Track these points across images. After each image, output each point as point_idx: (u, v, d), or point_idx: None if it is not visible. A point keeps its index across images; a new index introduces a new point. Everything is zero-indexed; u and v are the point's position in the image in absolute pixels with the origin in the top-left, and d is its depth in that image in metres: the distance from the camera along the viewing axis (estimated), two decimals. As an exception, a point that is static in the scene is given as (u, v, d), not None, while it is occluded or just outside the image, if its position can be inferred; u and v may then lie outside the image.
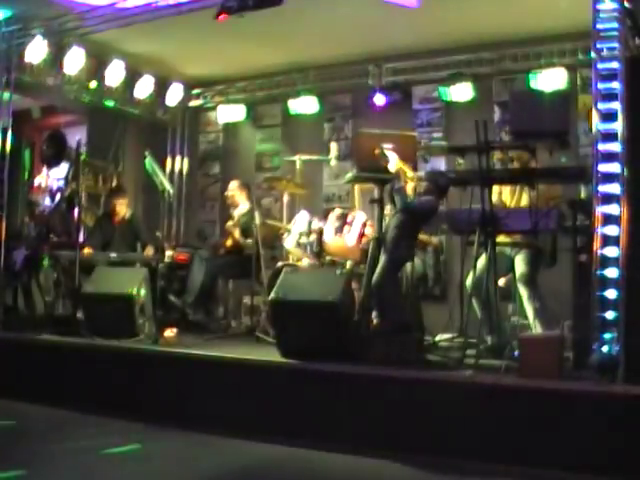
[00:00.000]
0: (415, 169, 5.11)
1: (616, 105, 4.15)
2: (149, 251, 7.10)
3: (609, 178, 4.14)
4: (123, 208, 7.46)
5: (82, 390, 5.22)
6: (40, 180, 8.37)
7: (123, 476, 3.85)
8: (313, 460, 4.13)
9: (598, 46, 4.29)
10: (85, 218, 7.53)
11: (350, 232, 5.99)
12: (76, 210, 6.38)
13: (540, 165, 5.16)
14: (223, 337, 6.38)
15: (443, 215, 5.11)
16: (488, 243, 4.68)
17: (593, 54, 4.32)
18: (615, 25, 4.25)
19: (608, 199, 4.13)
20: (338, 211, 6.33)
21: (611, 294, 4.05)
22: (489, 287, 4.72)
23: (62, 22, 6.83)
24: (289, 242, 6.40)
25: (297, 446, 4.25)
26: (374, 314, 5.03)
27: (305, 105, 8.27)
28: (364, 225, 6.00)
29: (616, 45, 4.23)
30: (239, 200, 7.26)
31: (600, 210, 4.13)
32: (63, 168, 7.25)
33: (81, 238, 6.47)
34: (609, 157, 4.16)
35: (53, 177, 7.56)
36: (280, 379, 4.61)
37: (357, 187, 6.73)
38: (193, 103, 9.38)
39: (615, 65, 4.19)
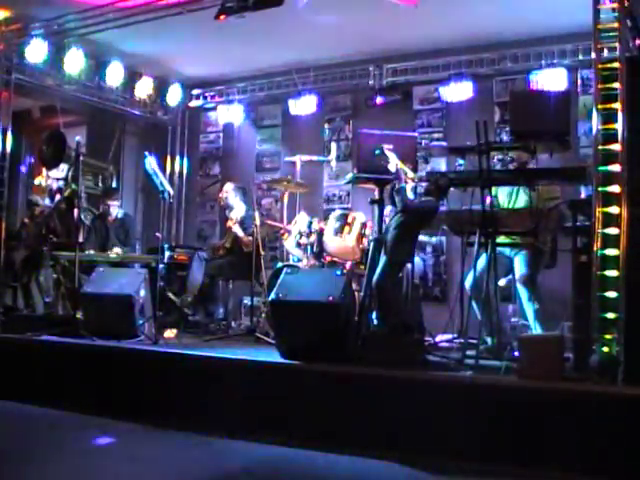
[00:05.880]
0: (415, 169, 5.10)
1: (616, 106, 4.15)
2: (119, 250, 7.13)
3: (609, 179, 4.14)
4: (115, 209, 7.51)
5: (82, 390, 5.21)
6: (40, 180, 8.37)
7: (123, 477, 3.84)
8: (313, 460, 4.13)
9: (598, 46, 4.29)
10: (85, 218, 7.54)
11: (350, 233, 5.99)
12: (76, 210, 6.38)
13: (537, 166, 5.17)
14: (223, 338, 6.38)
15: (443, 215, 5.11)
16: (488, 244, 4.69)
17: (593, 54, 4.33)
18: (615, 25, 4.25)
19: (608, 200, 4.13)
20: (338, 211, 6.33)
21: (611, 294, 4.05)
22: (489, 288, 4.72)
23: (62, 22, 6.84)
24: (289, 242, 6.41)
25: (297, 446, 4.25)
26: (374, 315, 5.03)
27: (305, 105, 8.28)
28: (364, 226, 6.01)
29: (616, 45, 4.23)
30: (232, 202, 7.24)
31: (600, 211, 4.13)
32: (63, 168, 7.25)
33: (81, 238, 6.47)
34: (609, 158, 4.16)
35: (53, 177, 7.56)
36: (280, 379, 4.61)
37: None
38: (193, 103, 9.39)
39: (615, 65, 4.19)
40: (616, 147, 4.13)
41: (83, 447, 4.32)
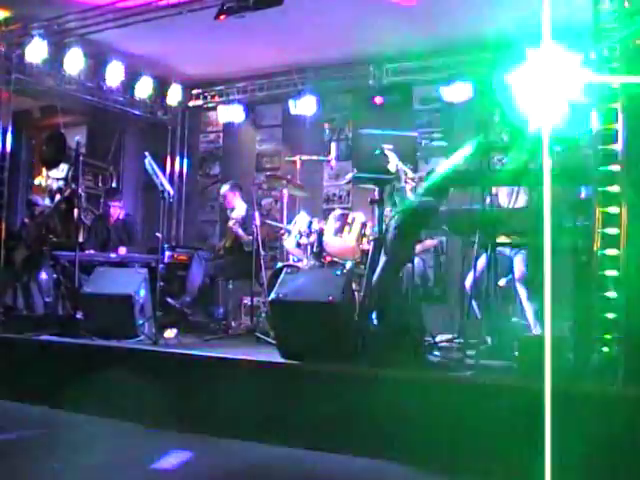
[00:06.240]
0: (415, 169, 5.11)
1: (616, 106, 4.15)
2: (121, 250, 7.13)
3: (609, 179, 4.14)
4: (117, 210, 7.50)
5: (82, 390, 5.21)
6: (40, 180, 8.38)
7: (123, 477, 3.84)
8: (313, 460, 4.13)
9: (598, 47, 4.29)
10: (85, 219, 7.55)
11: (350, 233, 5.99)
12: (76, 210, 6.38)
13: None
14: (223, 337, 6.38)
15: (443, 215, 5.11)
16: (488, 244, 4.68)
17: (593, 54, 4.32)
18: (615, 25, 4.25)
19: (608, 200, 4.13)
20: (338, 211, 6.33)
21: (611, 294, 4.05)
22: (489, 288, 4.72)
23: (62, 22, 6.84)
24: (289, 242, 6.41)
25: (297, 446, 4.25)
26: (374, 315, 5.03)
27: (305, 105, 8.28)
28: (364, 226, 6.01)
29: (616, 45, 4.23)
30: (233, 202, 7.28)
31: (600, 211, 4.13)
32: (63, 168, 7.26)
33: (81, 238, 6.48)
34: (609, 158, 4.15)
35: (53, 177, 7.57)
36: (280, 379, 4.61)
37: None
38: (193, 103, 9.39)
39: (615, 65, 4.19)
40: (616, 147, 4.13)
41: (83, 448, 4.31)
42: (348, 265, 6.09)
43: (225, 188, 7.39)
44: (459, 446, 3.91)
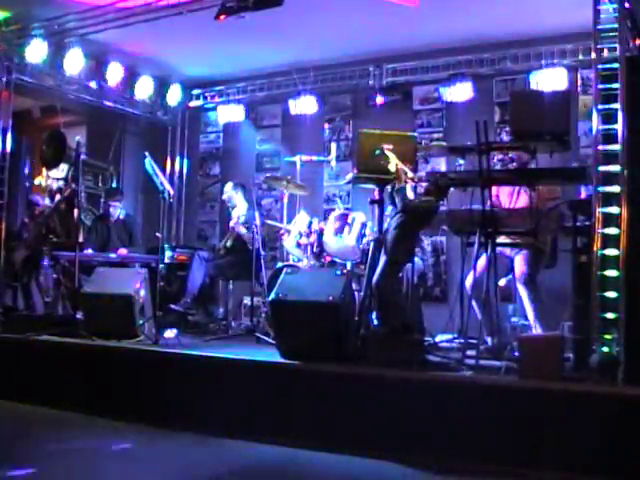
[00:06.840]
0: (415, 170, 5.10)
1: (616, 106, 4.15)
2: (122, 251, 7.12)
3: (609, 179, 4.14)
4: (117, 210, 7.50)
5: (82, 390, 5.21)
6: (40, 180, 8.38)
7: (123, 477, 3.84)
8: (313, 460, 4.13)
9: (598, 47, 4.29)
10: (85, 219, 7.55)
11: (350, 233, 5.99)
12: (76, 210, 6.38)
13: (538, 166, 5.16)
14: (223, 338, 6.38)
15: (443, 215, 5.11)
16: (488, 244, 4.68)
17: (593, 55, 4.33)
18: (615, 25, 4.26)
19: (608, 200, 4.13)
20: (338, 211, 6.33)
21: (611, 294, 4.05)
22: (489, 288, 4.72)
23: (62, 22, 6.85)
24: (289, 242, 6.41)
25: (297, 446, 4.25)
26: (374, 315, 5.03)
27: (305, 105, 8.28)
28: (364, 225, 6.01)
29: (616, 45, 4.24)
30: (236, 201, 7.29)
31: (600, 211, 4.14)
32: (63, 168, 7.26)
33: (81, 238, 6.47)
34: (609, 158, 4.16)
35: (53, 177, 7.57)
36: (280, 379, 4.61)
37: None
38: (193, 103, 9.39)
39: (615, 65, 4.19)
40: (616, 147, 4.13)
41: (83, 447, 4.31)
42: (348, 265, 6.09)
43: (228, 187, 7.40)
44: (459, 446, 3.91)
